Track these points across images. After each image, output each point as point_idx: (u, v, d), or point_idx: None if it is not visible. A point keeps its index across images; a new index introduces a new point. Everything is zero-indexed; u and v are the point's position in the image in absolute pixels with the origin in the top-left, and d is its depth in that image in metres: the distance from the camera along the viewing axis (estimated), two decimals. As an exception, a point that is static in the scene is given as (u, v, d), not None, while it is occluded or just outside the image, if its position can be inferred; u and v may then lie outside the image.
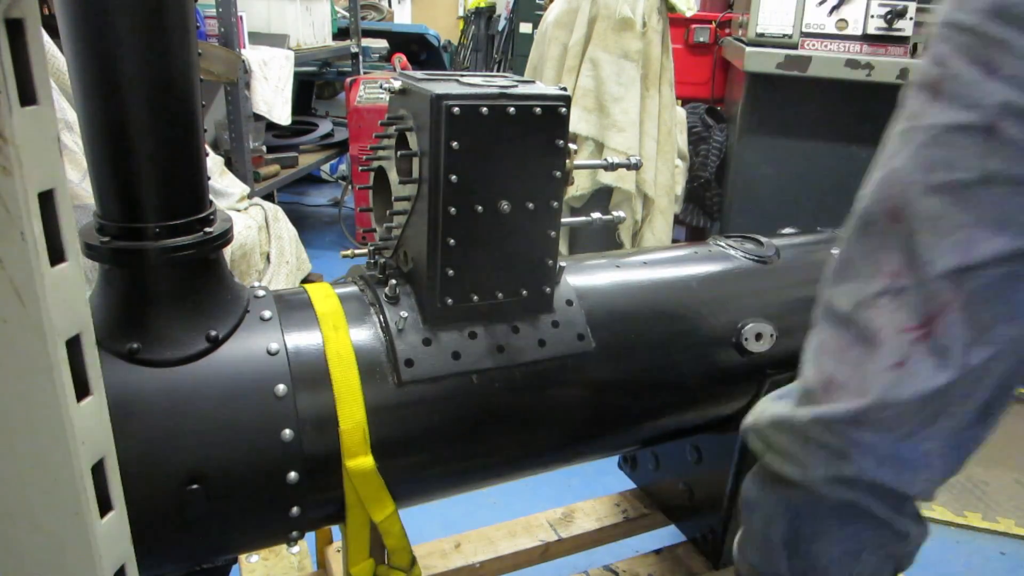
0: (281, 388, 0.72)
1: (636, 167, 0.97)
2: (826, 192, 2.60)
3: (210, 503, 0.69)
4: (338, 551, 1.18)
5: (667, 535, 1.26)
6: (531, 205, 0.79)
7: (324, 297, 0.82)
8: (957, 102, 0.59)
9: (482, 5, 6.38)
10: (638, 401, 0.93)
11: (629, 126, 2.59)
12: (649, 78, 2.65)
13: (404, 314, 0.79)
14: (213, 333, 0.72)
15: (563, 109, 0.77)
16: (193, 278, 0.71)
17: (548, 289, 0.84)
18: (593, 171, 2.62)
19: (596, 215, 0.94)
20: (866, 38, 2.54)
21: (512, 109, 0.74)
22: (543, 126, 0.77)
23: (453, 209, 0.76)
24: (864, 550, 0.72)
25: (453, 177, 0.74)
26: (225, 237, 0.73)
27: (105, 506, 0.57)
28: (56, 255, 0.49)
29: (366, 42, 4.20)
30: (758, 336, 0.92)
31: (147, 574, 0.64)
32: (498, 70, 5.44)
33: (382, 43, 4.58)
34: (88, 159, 0.66)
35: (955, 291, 0.60)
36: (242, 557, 1.15)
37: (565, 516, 1.27)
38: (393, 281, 0.82)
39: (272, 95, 2.90)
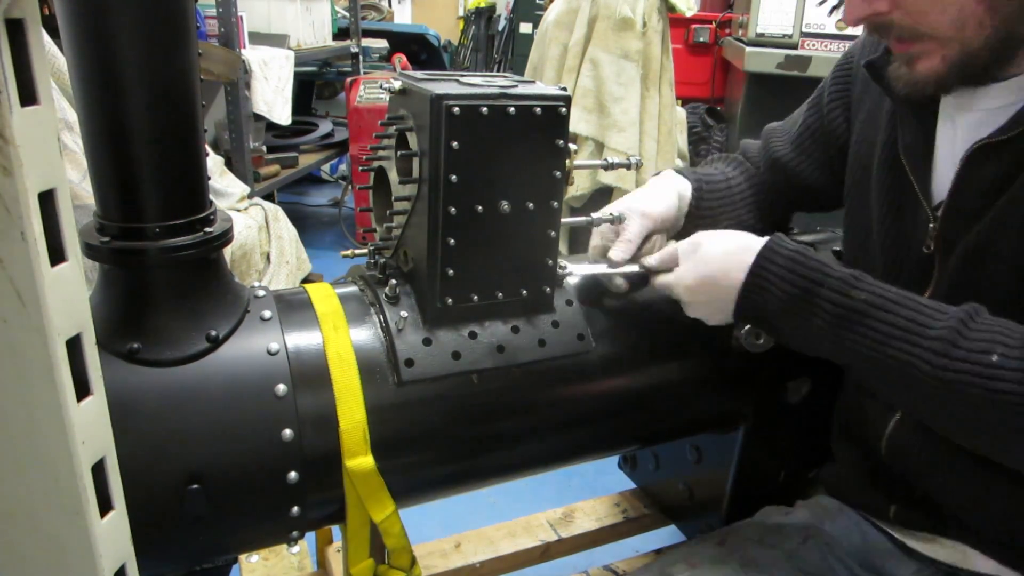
0: (281, 388, 0.72)
1: (636, 167, 0.97)
2: (826, 192, 2.60)
3: (210, 503, 0.69)
4: (338, 551, 1.18)
5: (667, 535, 1.26)
6: (531, 205, 0.79)
7: (324, 297, 0.82)
8: None
9: (482, 5, 6.39)
10: (638, 401, 0.93)
11: (629, 126, 2.59)
12: (649, 78, 2.65)
13: (404, 314, 0.80)
14: (213, 333, 0.72)
15: (563, 109, 0.77)
16: (193, 278, 0.71)
17: (548, 289, 0.84)
18: (593, 171, 2.62)
19: (596, 215, 0.94)
20: (866, 38, 2.53)
21: (512, 109, 0.74)
22: (543, 126, 0.77)
23: (453, 209, 0.76)
24: None
25: (453, 177, 0.74)
26: (225, 237, 0.73)
27: (105, 506, 0.57)
28: (56, 255, 0.49)
29: (366, 42, 4.20)
30: (758, 335, 0.92)
31: (147, 574, 0.64)
32: (498, 70, 5.44)
33: (382, 43, 4.59)
34: (88, 159, 0.66)
35: None
36: (242, 557, 1.15)
37: (565, 516, 1.27)
38: (393, 281, 0.82)
39: (272, 95, 2.90)
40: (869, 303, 0.72)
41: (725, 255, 0.81)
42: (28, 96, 0.46)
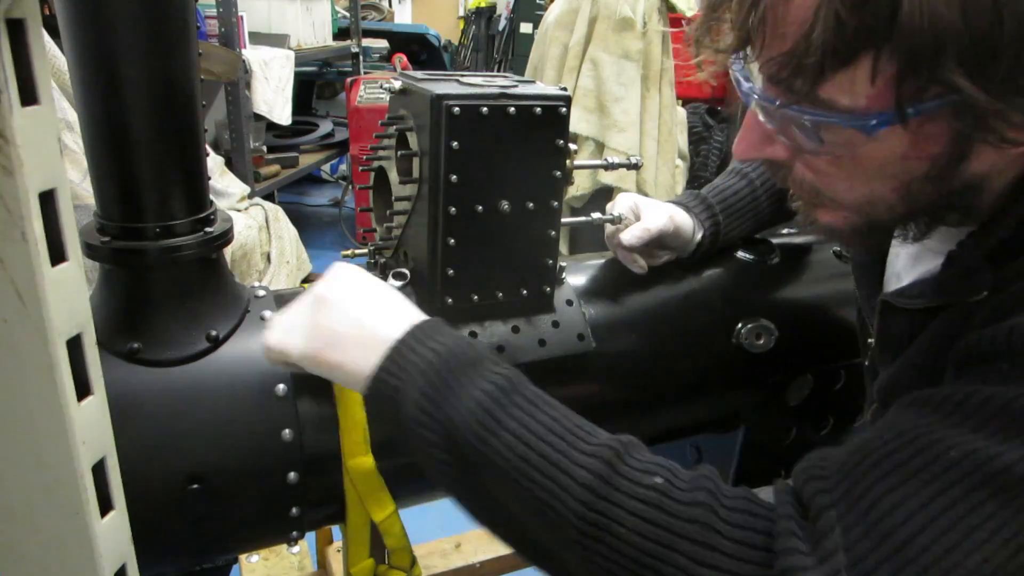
0: (281, 388, 0.72)
1: (636, 167, 0.97)
2: (826, 192, 2.60)
3: (210, 503, 0.69)
4: (338, 551, 1.18)
5: (667, 535, 1.26)
6: (531, 205, 0.79)
7: (324, 297, 0.81)
8: None
9: (482, 5, 6.39)
10: (638, 401, 0.93)
11: (629, 126, 2.59)
12: (649, 78, 2.65)
13: (404, 314, 0.79)
14: (213, 333, 0.72)
15: (563, 109, 0.77)
16: (193, 278, 0.71)
17: (548, 289, 0.84)
18: (593, 171, 2.62)
19: (596, 215, 0.94)
20: (866, 38, 2.54)
21: (512, 109, 0.74)
22: (543, 126, 0.77)
23: (453, 209, 0.76)
24: None
25: (453, 177, 0.74)
26: (225, 237, 0.73)
27: (106, 506, 0.57)
28: (57, 255, 0.49)
29: (366, 42, 4.20)
30: (758, 335, 0.92)
31: (147, 574, 0.64)
32: (499, 70, 5.44)
33: (382, 43, 4.58)
34: (88, 159, 0.66)
35: None
36: (242, 557, 1.15)
37: (565, 516, 1.26)
38: (393, 281, 0.82)
39: (273, 95, 2.90)
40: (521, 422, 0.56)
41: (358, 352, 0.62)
42: (28, 96, 0.46)
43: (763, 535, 0.50)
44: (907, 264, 0.71)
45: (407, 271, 0.82)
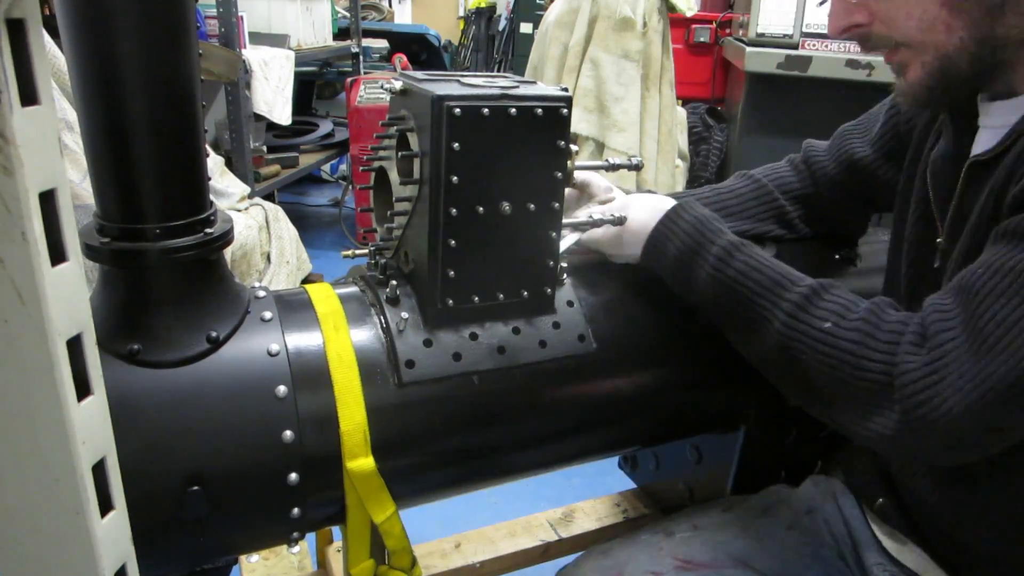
0: (282, 389, 0.72)
1: (637, 168, 0.97)
2: (826, 192, 2.60)
3: (210, 504, 0.69)
4: (338, 551, 1.18)
5: (667, 536, 1.26)
6: (532, 206, 0.79)
7: (324, 298, 0.82)
8: None
9: (483, 5, 6.39)
10: (639, 402, 0.93)
11: (630, 126, 2.60)
12: (649, 78, 2.65)
13: (405, 315, 0.79)
14: (213, 334, 0.72)
15: (564, 110, 0.77)
16: (193, 279, 0.71)
17: (549, 290, 0.84)
18: (594, 172, 2.62)
19: (597, 215, 0.94)
20: (867, 38, 2.53)
21: (513, 110, 0.74)
22: (544, 127, 0.77)
23: (454, 210, 0.75)
24: None
25: (454, 178, 0.74)
26: (226, 238, 0.73)
27: (106, 506, 0.57)
28: (57, 255, 0.49)
29: (366, 42, 4.20)
30: (759, 337, 0.92)
31: (147, 574, 0.64)
32: (499, 70, 5.44)
33: (382, 43, 4.58)
34: (88, 159, 0.66)
35: None
36: (242, 557, 1.15)
37: (565, 516, 1.26)
38: (393, 282, 0.82)
39: (273, 95, 2.90)
40: (746, 264, 0.81)
41: (644, 215, 0.90)
42: (28, 96, 0.45)
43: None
44: (988, 136, 0.77)
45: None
